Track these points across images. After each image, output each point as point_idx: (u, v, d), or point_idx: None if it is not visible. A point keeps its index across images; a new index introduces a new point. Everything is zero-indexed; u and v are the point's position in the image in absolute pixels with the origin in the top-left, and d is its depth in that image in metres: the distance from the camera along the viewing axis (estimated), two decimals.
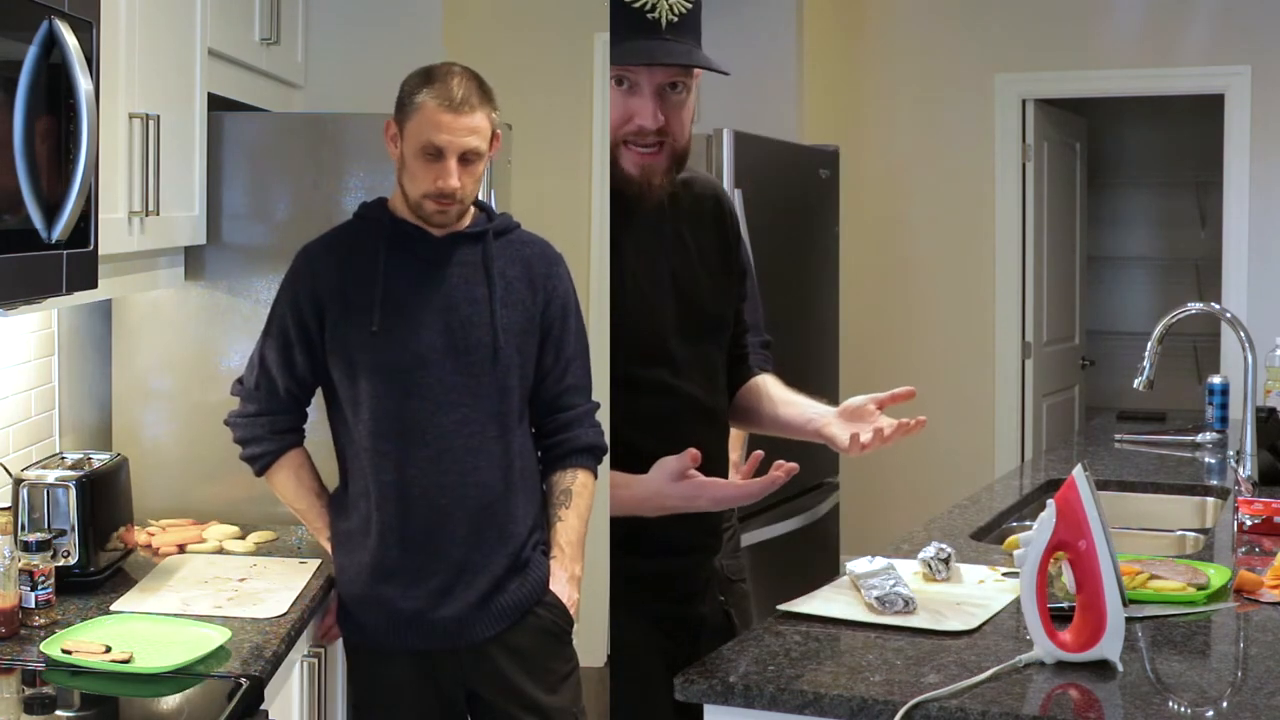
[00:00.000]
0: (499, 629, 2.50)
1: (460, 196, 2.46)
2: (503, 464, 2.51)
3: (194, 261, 3.11)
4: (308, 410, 2.63)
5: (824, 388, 4.88)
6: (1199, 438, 4.13)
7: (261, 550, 2.89)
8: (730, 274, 2.39)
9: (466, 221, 2.54)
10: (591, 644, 4.90)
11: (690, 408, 2.27)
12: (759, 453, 2.17)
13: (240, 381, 2.62)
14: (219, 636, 2.26)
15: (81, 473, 2.54)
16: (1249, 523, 2.90)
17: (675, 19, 2.21)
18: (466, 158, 2.44)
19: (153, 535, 2.90)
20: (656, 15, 2.18)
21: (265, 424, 2.57)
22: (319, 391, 2.60)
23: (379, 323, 2.46)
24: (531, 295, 2.55)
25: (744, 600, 2.65)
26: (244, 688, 2.09)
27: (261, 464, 2.59)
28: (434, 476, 2.47)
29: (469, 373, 2.48)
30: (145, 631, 2.30)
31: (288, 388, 2.56)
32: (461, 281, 2.50)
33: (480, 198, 2.61)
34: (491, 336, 2.49)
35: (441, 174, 2.43)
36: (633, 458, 2.16)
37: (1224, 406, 4.20)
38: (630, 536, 2.24)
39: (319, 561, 2.78)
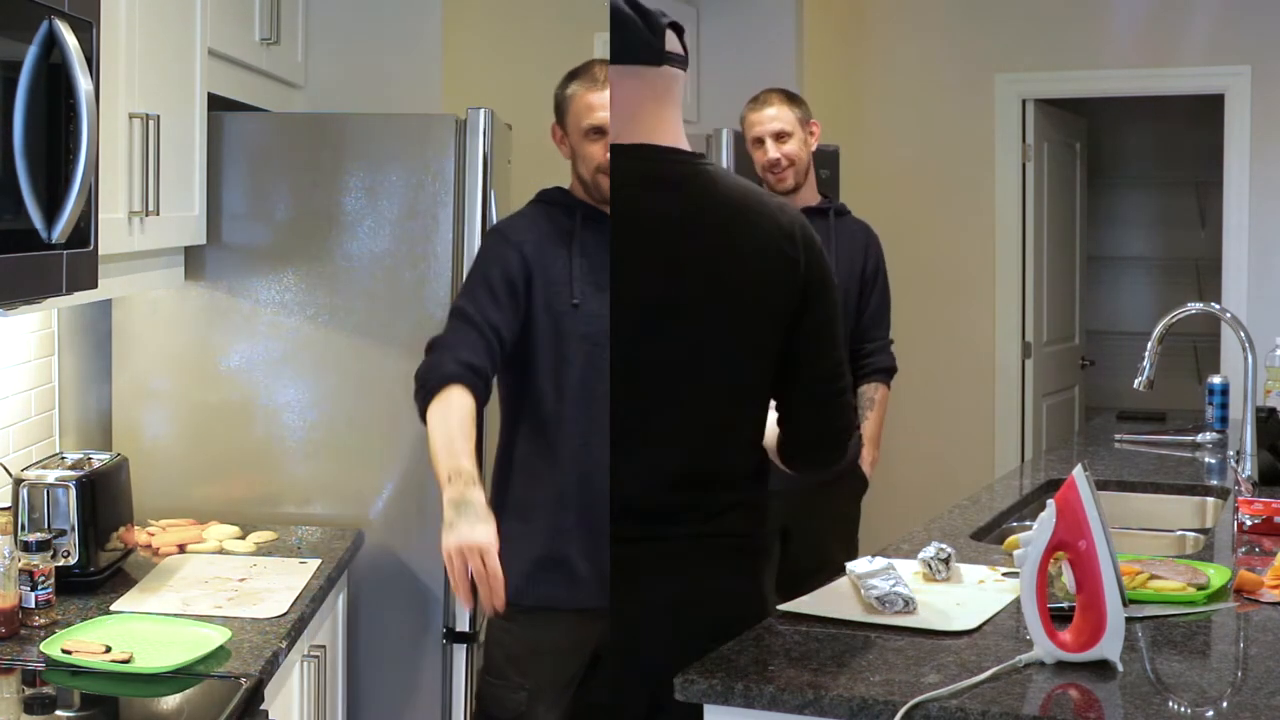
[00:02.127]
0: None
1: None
2: None
3: (194, 261, 3.11)
4: (498, 364, 2.53)
5: None
6: (1199, 438, 4.13)
7: (261, 550, 2.89)
8: None
9: None
10: None
11: None
12: None
13: (435, 336, 2.57)
14: (219, 636, 2.26)
15: (81, 473, 2.54)
16: (1249, 523, 2.90)
17: None
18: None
19: (153, 535, 2.90)
20: None
21: (457, 349, 2.48)
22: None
23: (576, 292, 2.57)
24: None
25: None
26: (244, 688, 2.09)
27: (430, 389, 2.43)
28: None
29: None
30: (145, 631, 2.30)
31: (481, 328, 2.50)
32: None
33: (480, 197, 2.64)
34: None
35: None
36: None
37: (1224, 406, 4.20)
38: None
39: (319, 561, 2.78)
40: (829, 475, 2.95)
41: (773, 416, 2.28)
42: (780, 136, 3.54)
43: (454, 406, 2.40)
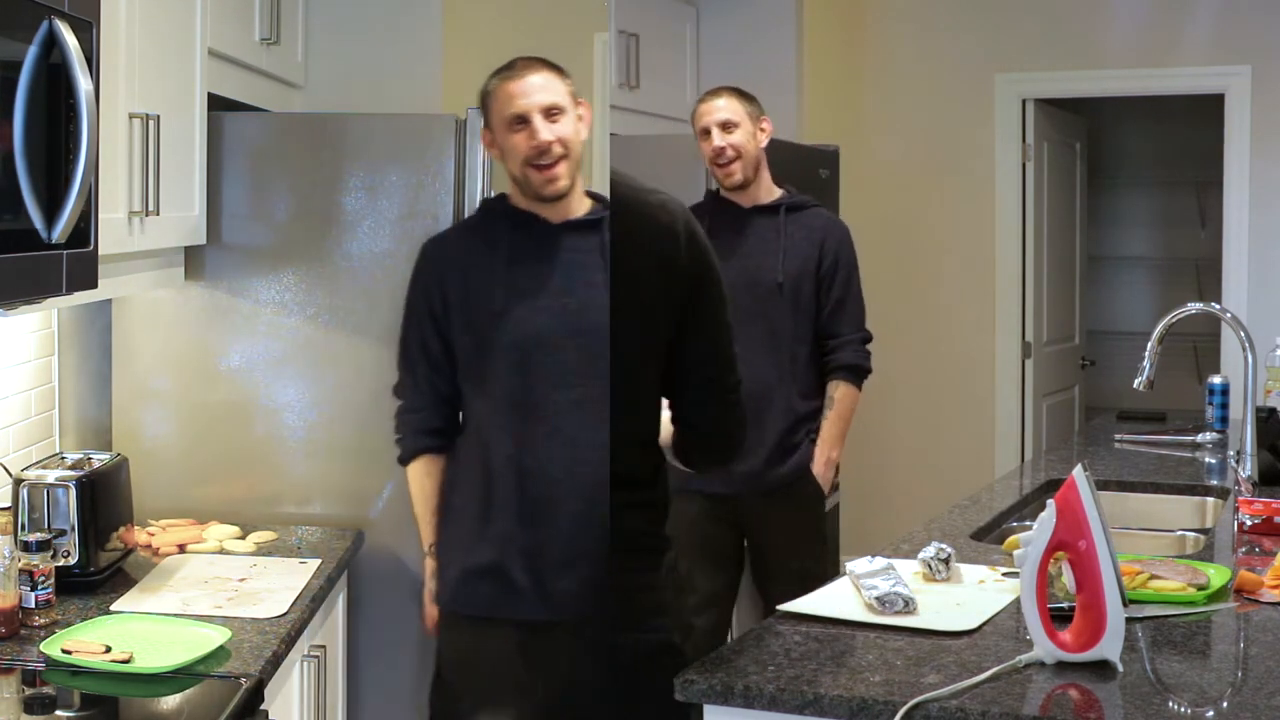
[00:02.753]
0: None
1: (556, 154, 2.56)
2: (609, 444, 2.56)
3: (194, 261, 3.11)
4: (457, 420, 2.67)
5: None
6: (1199, 438, 4.13)
7: (261, 550, 2.89)
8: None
9: (582, 210, 2.59)
10: None
11: None
12: None
13: (398, 384, 2.72)
14: (219, 636, 2.26)
15: (81, 473, 2.53)
16: (1249, 523, 2.90)
17: None
18: (549, 111, 2.57)
19: (153, 535, 2.90)
20: None
21: (409, 422, 2.70)
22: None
23: (502, 303, 2.54)
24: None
25: None
26: (244, 688, 2.09)
27: (400, 458, 2.72)
28: (548, 453, 2.51)
29: (586, 353, 2.52)
30: (145, 631, 2.30)
31: (427, 375, 2.64)
32: (579, 267, 2.56)
33: (480, 197, 2.65)
34: (605, 317, 2.52)
35: (531, 133, 2.55)
36: None
37: (1224, 406, 4.20)
38: None
39: (319, 561, 2.78)
40: (725, 471, 3.01)
41: (666, 415, 2.32)
42: (726, 126, 3.53)
43: (432, 475, 2.68)
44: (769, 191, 3.63)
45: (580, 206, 2.59)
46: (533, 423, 2.51)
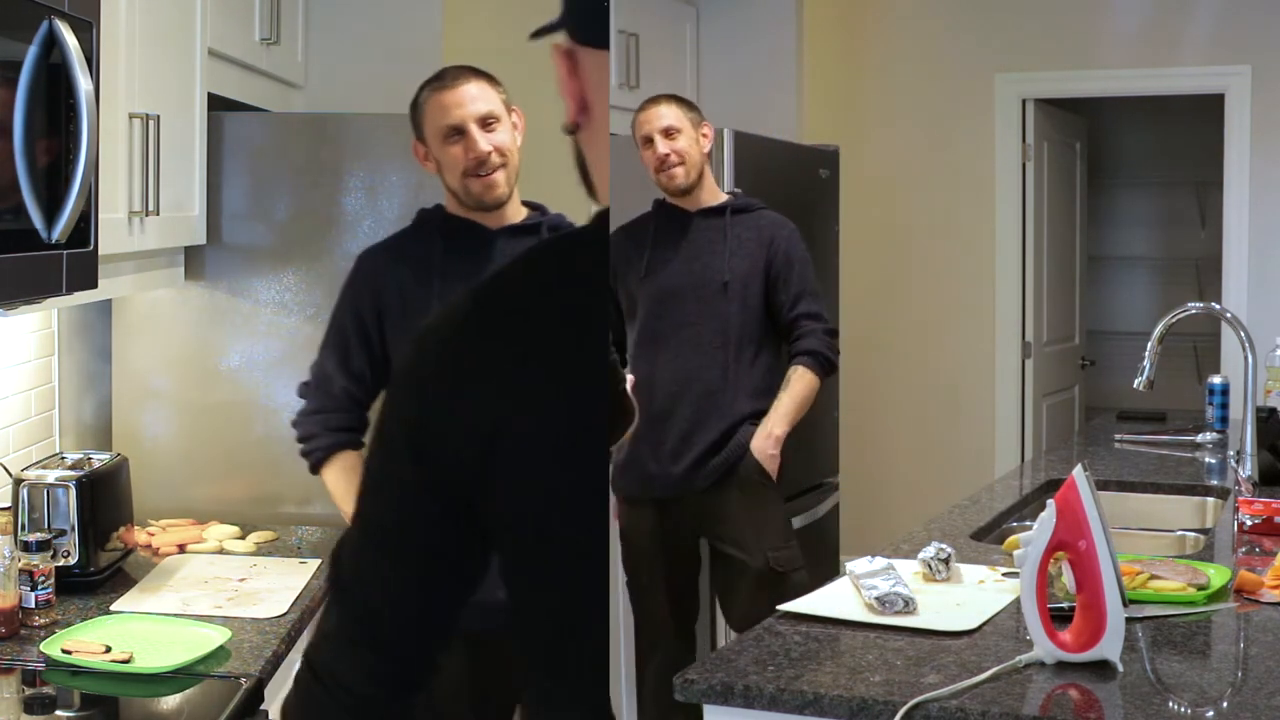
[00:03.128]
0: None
1: (494, 164, 2.57)
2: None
3: (194, 261, 3.11)
4: (367, 417, 2.67)
5: (823, 388, 4.87)
6: (1199, 438, 4.13)
7: (261, 550, 2.89)
8: None
9: (518, 217, 2.58)
10: None
11: None
12: None
13: (304, 383, 2.70)
14: (219, 636, 2.26)
15: (81, 473, 2.53)
16: (1249, 523, 2.90)
17: None
18: (486, 121, 2.57)
19: (153, 535, 2.90)
20: None
21: (319, 421, 2.66)
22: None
23: None
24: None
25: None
26: (244, 688, 2.09)
27: (314, 459, 2.68)
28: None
29: None
30: (145, 631, 2.30)
31: (344, 386, 2.63)
32: None
33: None
34: None
35: (469, 144, 2.57)
36: None
37: (1224, 406, 4.20)
38: None
39: (319, 561, 2.78)
40: (668, 475, 3.50)
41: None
42: (669, 132, 3.51)
43: (357, 469, 2.63)
44: (713, 195, 3.62)
45: (518, 213, 2.61)
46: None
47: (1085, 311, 6.98)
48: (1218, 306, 3.61)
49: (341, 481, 2.68)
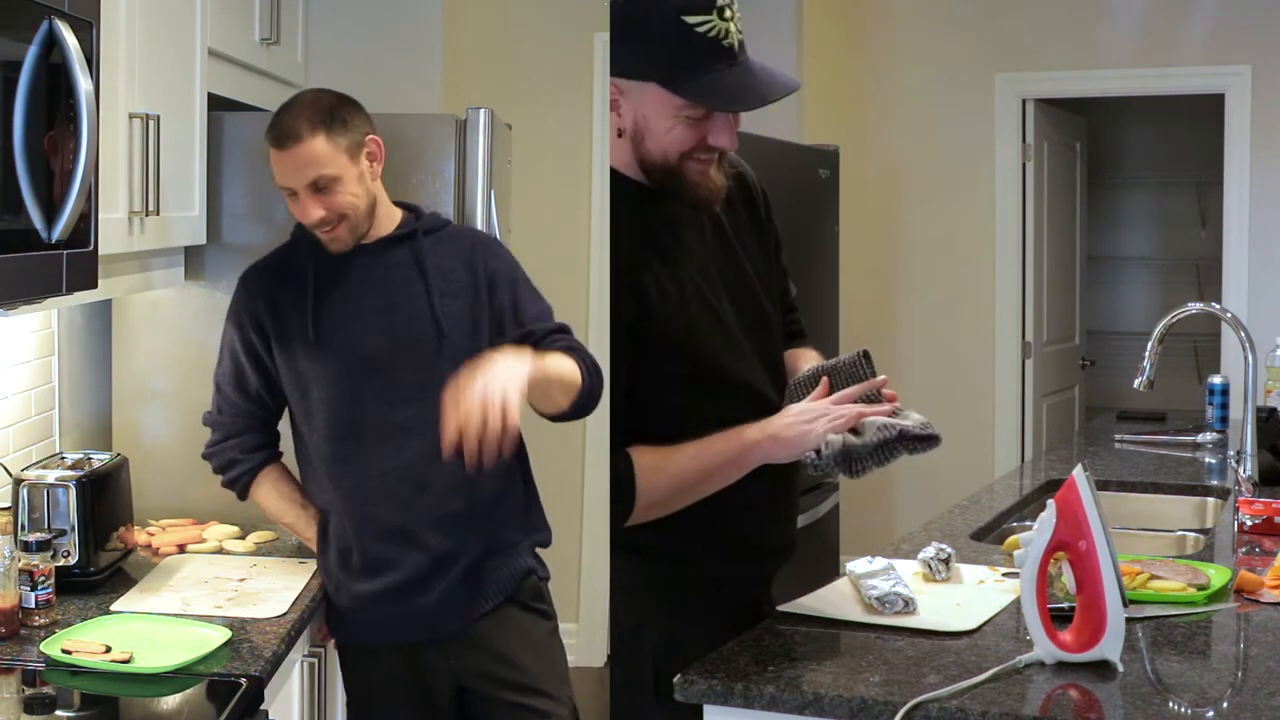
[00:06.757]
0: (482, 611, 2.56)
1: (331, 220, 2.49)
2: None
3: (194, 261, 3.11)
4: (278, 429, 2.68)
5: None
6: (1199, 438, 4.13)
7: (261, 550, 2.89)
8: (768, 253, 2.36)
9: (390, 227, 2.58)
10: (592, 644, 4.90)
11: (760, 405, 2.22)
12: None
13: (208, 413, 2.68)
14: (219, 636, 2.26)
15: (81, 473, 2.53)
16: (1249, 523, 2.90)
17: (742, 37, 2.08)
18: (317, 185, 2.47)
19: (153, 535, 2.90)
20: (730, 41, 2.05)
21: (234, 446, 2.64)
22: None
23: (315, 333, 2.51)
24: (473, 280, 2.58)
25: None
26: (244, 688, 2.09)
27: (241, 485, 2.66)
28: (396, 474, 2.51)
29: (418, 368, 2.51)
30: (145, 631, 2.30)
31: (247, 410, 2.62)
32: (398, 281, 2.55)
33: (480, 197, 2.62)
34: (435, 328, 2.51)
35: (299, 210, 2.51)
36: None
37: (1224, 406, 4.20)
38: (710, 535, 2.20)
39: None
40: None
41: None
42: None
43: (283, 478, 2.66)
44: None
45: (388, 224, 2.59)
46: (373, 447, 2.51)
47: (1085, 311, 6.98)
48: (1218, 306, 3.61)
49: (274, 495, 2.65)
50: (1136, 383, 3.50)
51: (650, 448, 2.09)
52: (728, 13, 2.04)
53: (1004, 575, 2.47)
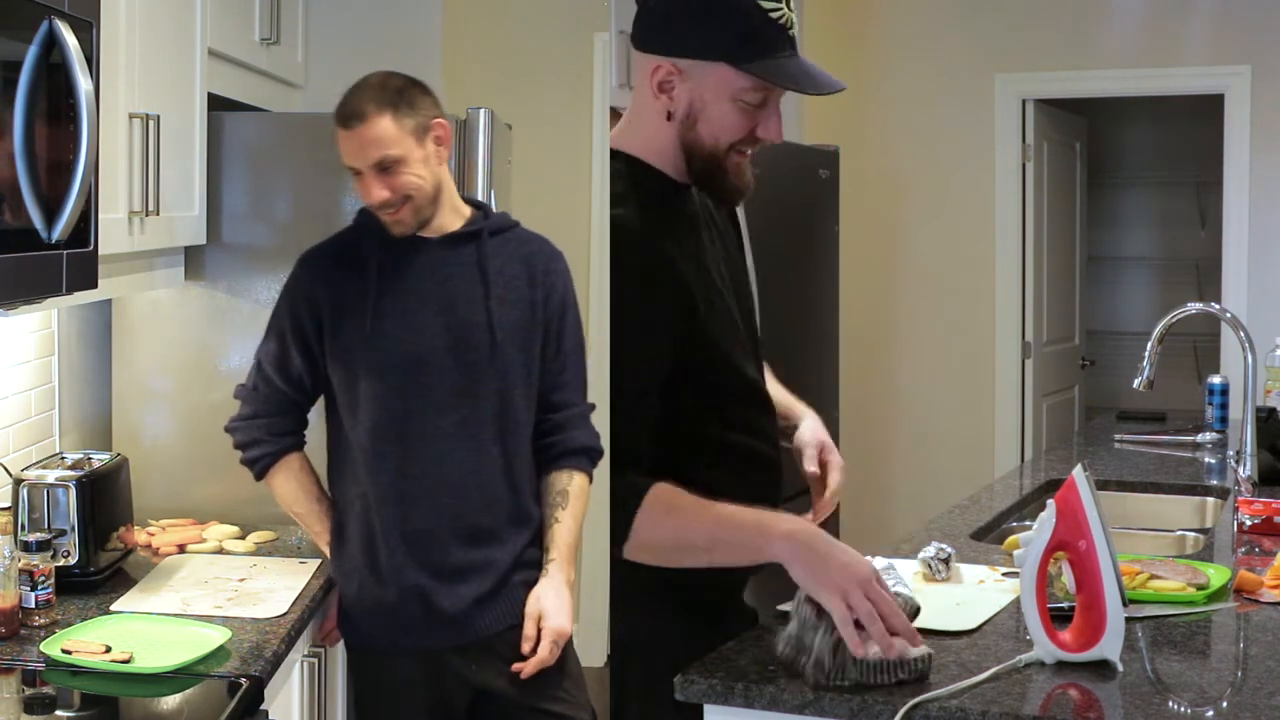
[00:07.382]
0: (508, 624, 2.50)
1: (395, 202, 2.45)
2: (503, 463, 2.50)
3: (194, 261, 3.11)
4: (308, 417, 2.63)
5: (824, 388, 4.88)
6: (1199, 438, 4.13)
7: (261, 550, 2.89)
8: (743, 255, 2.34)
9: (457, 223, 2.54)
10: (592, 644, 4.90)
11: (762, 405, 2.23)
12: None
13: (242, 385, 2.63)
14: (219, 636, 2.26)
15: (81, 473, 2.53)
16: (1249, 523, 2.90)
17: (794, 29, 2.08)
18: (382, 165, 2.44)
19: (153, 535, 2.90)
20: (793, 31, 2.06)
21: (262, 426, 2.58)
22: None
23: (373, 325, 2.47)
24: (531, 291, 2.55)
25: None
26: (244, 688, 2.09)
27: (260, 466, 2.59)
28: (434, 477, 2.47)
29: (469, 373, 2.48)
30: (145, 631, 2.30)
31: (284, 391, 2.56)
32: (459, 281, 2.50)
33: (480, 197, 2.60)
34: (489, 335, 2.49)
35: (364, 190, 2.47)
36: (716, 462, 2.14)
37: (1224, 406, 4.20)
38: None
39: (319, 561, 2.78)
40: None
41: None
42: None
43: (304, 469, 2.61)
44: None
45: (455, 220, 2.53)
46: (414, 447, 2.47)
47: (1085, 311, 6.98)
48: (1217, 307, 3.61)
49: (290, 484, 2.58)
50: (1136, 383, 3.50)
51: (672, 487, 2.02)
52: (792, 3, 2.06)
53: (1004, 575, 2.47)
